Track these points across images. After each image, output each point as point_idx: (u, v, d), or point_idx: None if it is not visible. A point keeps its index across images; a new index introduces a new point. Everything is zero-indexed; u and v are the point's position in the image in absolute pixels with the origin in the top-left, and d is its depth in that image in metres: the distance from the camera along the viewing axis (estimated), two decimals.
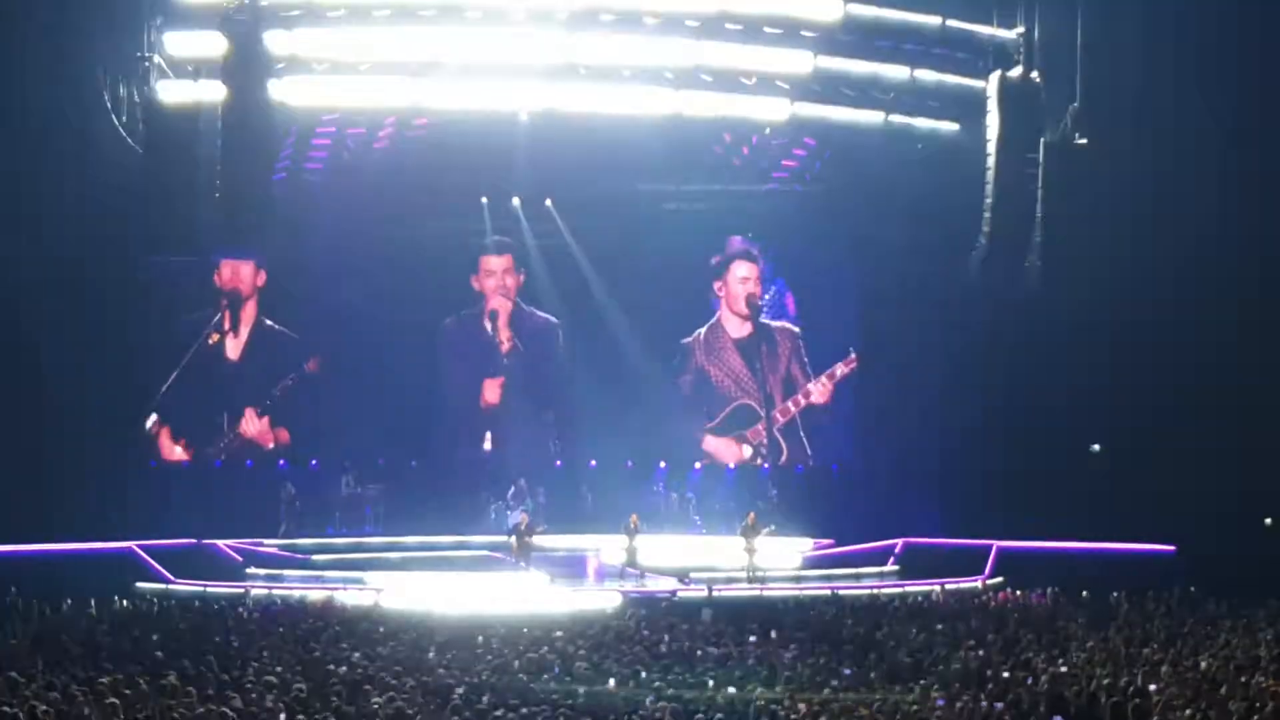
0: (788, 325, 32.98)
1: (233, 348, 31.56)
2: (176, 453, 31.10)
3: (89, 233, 27.90)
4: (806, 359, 32.87)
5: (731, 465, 33.02)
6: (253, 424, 31.49)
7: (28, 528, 25.52)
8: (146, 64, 25.75)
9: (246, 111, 24.56)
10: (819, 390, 32.70)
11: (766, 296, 33.24)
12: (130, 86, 26.08)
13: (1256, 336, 28.17)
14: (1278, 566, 25.67)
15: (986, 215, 26.93)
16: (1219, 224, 28.16)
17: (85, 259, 28.28)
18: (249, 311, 31.62)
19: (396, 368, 31.68)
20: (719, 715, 13.04)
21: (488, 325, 32.56)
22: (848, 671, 15.80)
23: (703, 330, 33.08)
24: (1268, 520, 28.96)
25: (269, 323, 31.67)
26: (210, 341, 31.29)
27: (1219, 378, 28.43)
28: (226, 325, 31.45)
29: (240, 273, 31.52)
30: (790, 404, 32.86)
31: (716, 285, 33.13)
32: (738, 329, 33.01)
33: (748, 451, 32.72)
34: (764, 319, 33.09)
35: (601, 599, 23.68)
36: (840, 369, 32.61)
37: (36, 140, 26.48)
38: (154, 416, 30.89)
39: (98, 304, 28.74)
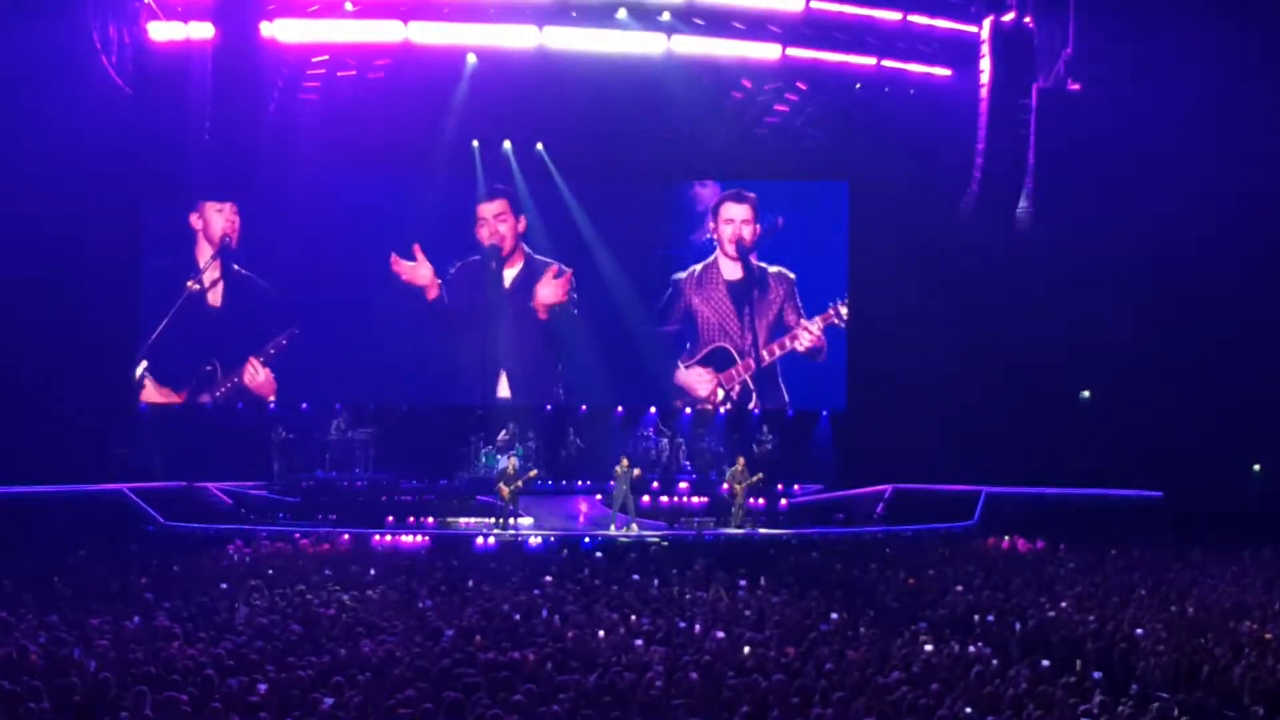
0: (783, 271, 32.81)
1: (214, 295, 31.35)
2: (169, 395, 30.97)
3: (77, 174, 27.66)
4: (801, 304, 32.74)
5: (707, 403, 32.75)
6: (258, 373, 31.31)
7: (17, 469, 25.49)
8: (136, 3, 25.42)
9: (237, 52, 24.22)
10: (808, 337, 32.55)
11: (753, 239, 32.93)
12: (120, 26, 25.75)
13: (1249, 283, 28.16)
14: (1265, 512, 25.89)
15: (978, 161, 26.78)
16: (1212, 170, 28.08)
17: (73, 200, 28.08)
18: (226, 258, 31.35)
19: (386, 313, 31.52)
20: (707, 659, 13.11)
21: (493, 268, 32.22)
22: (835, 615, 15.89)
23: (698, 267, 32.91)
24: (1256, 466, 29.10)
25: (237, 268, 31.36)
26: (191, 288, 31.09)
27: (1210, 324, 28.44)
28: (204, 273, 31.18)
29: (219, 217, 31.21)
30: (775, 346, 32.67)
31: (711, 226, 32.91)
32: (731, 271, 32.82)
33: (719, 394, 32.59)
34: (758, 262, 32.88)
35: (591, 543, 23.75)
36: (829, 317, 32.48)
37: (24, 80, 26.20)
38: (144, 363, 30.78)
39: (89, 246, 28.57)
